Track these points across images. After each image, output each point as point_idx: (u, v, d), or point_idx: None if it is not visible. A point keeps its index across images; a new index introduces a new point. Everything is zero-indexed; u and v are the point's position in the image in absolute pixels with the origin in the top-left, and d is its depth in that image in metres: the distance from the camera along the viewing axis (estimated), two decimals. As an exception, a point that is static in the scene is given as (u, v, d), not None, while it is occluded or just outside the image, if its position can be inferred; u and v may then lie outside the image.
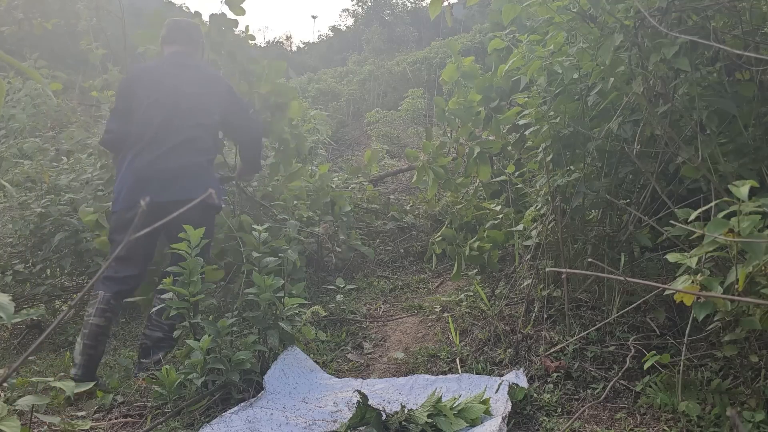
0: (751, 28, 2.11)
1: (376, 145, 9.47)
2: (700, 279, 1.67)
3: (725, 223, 1.55)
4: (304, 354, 2.68)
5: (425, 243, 4.66)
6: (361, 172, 5.66)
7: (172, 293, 2.58)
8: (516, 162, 3.34)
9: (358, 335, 3.28)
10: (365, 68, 17.36)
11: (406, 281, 4.18)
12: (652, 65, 2.07)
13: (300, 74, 19.15)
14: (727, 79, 2.17)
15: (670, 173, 2.46)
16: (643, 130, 2.31)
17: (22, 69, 0.78)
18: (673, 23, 2.16)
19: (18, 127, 5.40)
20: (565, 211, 2.69)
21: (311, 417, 2.28)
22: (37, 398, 1.70)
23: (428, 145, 3.69)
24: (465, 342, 2.88)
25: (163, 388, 2.48)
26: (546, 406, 2.19)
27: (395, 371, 2.78)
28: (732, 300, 1.65)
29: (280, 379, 2.48)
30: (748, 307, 1.70)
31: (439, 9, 2.47)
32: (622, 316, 2.49)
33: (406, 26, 32.01)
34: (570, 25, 2.36)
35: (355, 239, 4.38)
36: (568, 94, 2.58)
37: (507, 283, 3.36)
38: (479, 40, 15.62)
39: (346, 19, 65.95)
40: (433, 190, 3.77)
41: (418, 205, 5.20)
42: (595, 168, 2.66)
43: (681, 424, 1.91)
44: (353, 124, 13.48)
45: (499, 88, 3.28)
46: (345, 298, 3.73)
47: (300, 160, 4.11)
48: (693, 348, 2.24)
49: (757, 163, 2.10)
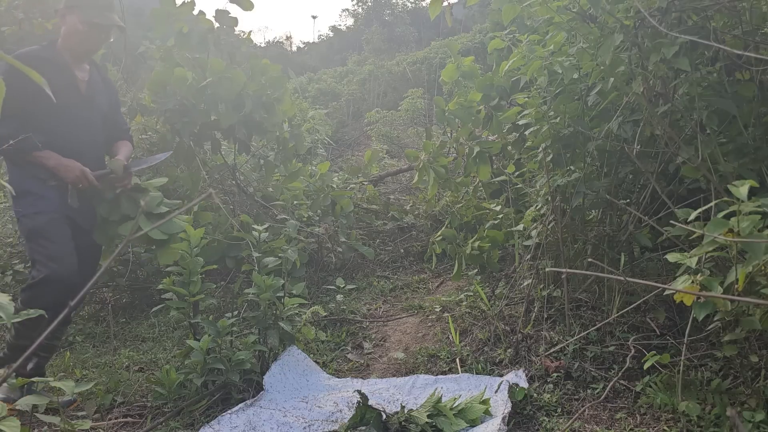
0: (751, 28, 2.11)
1: (376, 145, 9.47)
2: (700, 279, 1.67)
3: (725, 223, 1.55)
4: (303, 354, 2.68)
5: (425, 243, 4.66)
6: (361, 172, 5.66)
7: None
8: (516, 162, 3.34)
9: (358, 335, 3.28)
10: (365, 68, 17.37)
11: (406, 281, 4.18)
12: (652, 65, 2.07)
13: (300, 74, 19.14)
14: (727, 79, 2.17)
15: (670, 173, 2.46)
16: (643, 130, 2.31)
17: (22, 69, 0.78)
18: (673, 23, 2.16)
19: (18, 127, 5.38)
20: (565, 211, 2.69)
21: (311, 417, 2.28)
22: (37, 398, 1.70)
23: (428, 145, 3.70)
24: (465, 342, 2.88)
25: (163, 388, 2.48)
26: (546, 406, 2.19)
27: (395, 371, 2.78)
28: (732, 300, 1.65)
29: (280, 379, 2.48)
30: (748, 307, 1.70)
31: (439, 9, 2.47)
32: (622, 316, 2.49)
33: (406, 26, 32.00)
34: (570, 25, 2.36)
35: (355, 239, 4.38)
36: (568, 94, 2.58)
37: (507, 283, 3.36)
38: (479, 40, 15.61)
39: (346, 19, 65.99)
40: (433, 190, 3.77)
41: (418, 205, 5.20)
42: (595, 168, 2.66)
43: (681, 424, 1.92)
44: (353, 124, 13.47)
45: (499, 87, 3.28)
46: (345, 298, 3.73)
47: (300, 160, 4.10)
48: (693, 348, 2.24)
49: (757, 163, 2.10)
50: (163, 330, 3.42)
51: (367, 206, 5.24)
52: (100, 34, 2.54)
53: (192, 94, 3.39)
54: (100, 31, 2.53)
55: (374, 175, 5.99)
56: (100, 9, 2.50)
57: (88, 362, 3.01)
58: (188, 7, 3.35)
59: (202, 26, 3.42)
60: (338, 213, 4.39)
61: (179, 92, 3.39)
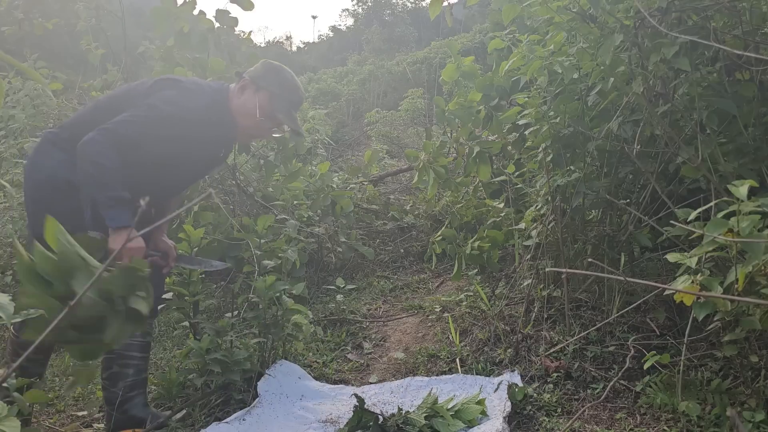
0: (751, 28, 2.11)
1: (376, 145, 9.46)
2: (700, 279, 1.67)
3: (725, 223, 1.55)
4: (296, 365, 2.67)
5: (425, 243, 4.66)
6: (361, 172, 5.66)
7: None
8: (516, 162, 3.34)
9: (358, 335, 3.28)
10: (365, 68, 17.35)
11: (406, 281, 4.18)
12: (652, 65, 2.07)
13: (300, 74, 19.12)
14: (727, 79, 2.17)
15: (670, 173, 2.46)
16: (643, 130, 2.31)
17: (22, 69, 0.79)
18: (673, 23, 2.16)
19: (18, 128, 5.39)
20: (565, 211, 2.69)
21: (306, 423, 2.28)
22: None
23: (429, 145, 3.70)
24: (465, 342, 2.88)
25: (164, 388, 2.48)
26: (546, 406, 2.19)
27: (395, 371, 2.78)
28: (732, 300, 1.65)
29: (274, 386, 2.47)
30: (748, 307, 1.70)
31: (439, 9, 2.47)
32: (622, 316, 2.49)
33: (406, 26, 32.01)
34: (570, 25, 2.36)
35: (355, 239, 4.38)
36: (568, 94, 2.58)
37: (507, 283, 3.36)
38: (479, 40, 15.60)
39: (346, 19, 66.00)
40: (433, 190, 3.77)
41: (418, 205, 5.20)
42: (595, 168, 2.66)
43: (681, 424, 1.92)
44: (353, 124, 13.47)
45: (499, 87, 3.27)
46: (345, 298, 3.73)
47: (300, 160, 4.10)
48: (693, 348, 2.24)
49: (757, 163, 2.10)
50: (163, 330, 3.42)
51: (367, 206, 5.24)
52: (275, 127, 2.29)
53: (192, 94, 3.39)
54: (277, 125, 2.28)
55: (374, 175, 5.98)
56: (293, 105, 2.24)
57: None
58: (189, 6, 3.35)
59: (203, 26, 3.42)
60: (338, 213, 4.39)
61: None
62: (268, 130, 2.29)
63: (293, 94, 2.23)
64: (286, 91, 2.21)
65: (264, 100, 2.17)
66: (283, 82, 2.21)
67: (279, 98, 2.18)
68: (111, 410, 2.23)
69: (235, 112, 2.20)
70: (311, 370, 2.81)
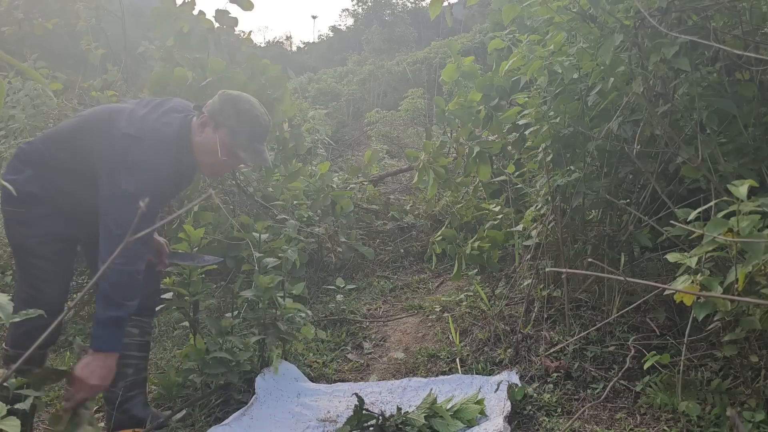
0: (751, 28, 2.11)
1: (376, 145, 9.46)
2: (700, 279, 1.67)
3: (725, 222, 1.55)
4: (293, 365, 2.67)
5: (425, 243, 4.66)
6: (361, 172, 5.66)
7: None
8: (516, 162, 3.34)
9: (358, 335, 3.28)
10: (365, 68, 17.35)
11: (406, 281, 4.18)
12: (652, 65, 2.07)
13: (300, 74, 19.14)
14: (727, 79, 2.17)
15: (670, 173, 2.46)
16: (643, 130, 2.31)
17: (22, 69, 0.79)
18: (673, 23, 2.16)
19: (18, 128, 5.39)
20: (565, 211, 2.69)
21: (305, 421, 2.28)
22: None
23: (429, 145, 3.70)
24: (465, 342, 2.88)
25: (164, 388, 2.48)
26: (546, 406, 2.19)
27: (395, 371, 2.78)
28: (732, 300, 1.65)
29: (272, 386, 2.47)
30: (748, 307, 1.70)
31: (439, 9, 2.47)
32: (622, 316, 2.49)
33: (406, 26, 32.01)
34: (570, 25, 2.36)
35: (355, 239, 4.38)
36: (568, 94, 2.58)
37: (507, 283, 3.36)
38: (479, 40, 15.61)
39: (346, 19, 66.02)
40: (433, 190, 3.77)
41: (418, 205, 5.20)
42: (595, 168, 2.66)
43: (681, 424, 1.92)
44: (353, 124, 13.47)
45: (499, 87, 3.27)
46: (345, 298, 3.73)
47: (300, 160, 4.10)
48: (693, 348, 2.24)
49: (757, 163, 2.10)
50: (164, 330, 3.42)
51: (367, 206, 5.24)
52: (239, 164, 2.22)
53: (192, 94, 3.39)
54: (239, 163, 2.19)
55: (374, 175, 5.99)
56: (255, 138, 2.10)
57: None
58: (189, 6, 3.35)
59: (203, 26, 3.42)
60: (338, 213, 4.39)
61: (179, 92, 3.39)
62: (231, 166, 2.22)
63: (254, 125, 2.10)
64: (246, 125, 2.08)
65: (224, 137, 2.06)
66: (241, 114, 2.08)
67: (239, 133, 2.07)
68: (111, 410, 2.24)
69: (197, 151, 2.11)
70: (311, 370, 2.81)
